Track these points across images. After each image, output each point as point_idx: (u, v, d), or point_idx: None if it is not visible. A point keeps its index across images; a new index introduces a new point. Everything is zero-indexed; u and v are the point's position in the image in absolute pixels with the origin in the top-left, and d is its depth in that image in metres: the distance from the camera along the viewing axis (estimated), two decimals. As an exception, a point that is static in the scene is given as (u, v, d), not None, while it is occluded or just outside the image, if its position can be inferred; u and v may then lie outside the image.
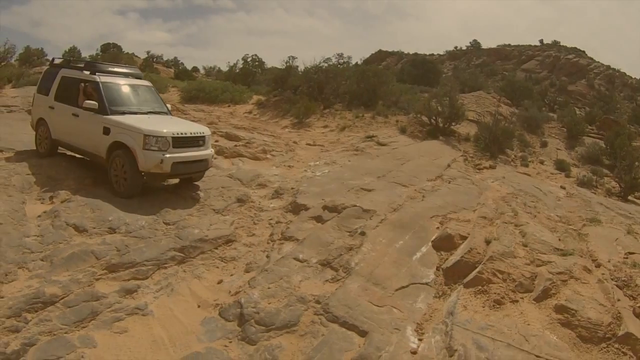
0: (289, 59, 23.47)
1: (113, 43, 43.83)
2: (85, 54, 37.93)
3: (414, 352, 4.28)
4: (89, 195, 7.04)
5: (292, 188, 8.71)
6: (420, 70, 33.34)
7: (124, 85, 8.43)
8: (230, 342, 4.40)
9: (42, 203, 6.87)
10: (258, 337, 4.44)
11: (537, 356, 4.22)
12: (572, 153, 17.01)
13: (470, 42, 65.32)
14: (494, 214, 7.67)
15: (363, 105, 18.57)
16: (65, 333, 4.21)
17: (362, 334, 4.48)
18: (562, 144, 18.02)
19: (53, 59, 9.81)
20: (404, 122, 16.20)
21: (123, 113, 7.77)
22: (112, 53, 37.14)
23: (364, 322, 4.62)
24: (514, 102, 23.79)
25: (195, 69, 46.48)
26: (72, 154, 8.77)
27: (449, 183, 9.72)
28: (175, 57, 50.55)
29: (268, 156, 11.51)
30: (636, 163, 15.03)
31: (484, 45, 63.38)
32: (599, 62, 53.13)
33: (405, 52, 62.64)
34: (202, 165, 7.97)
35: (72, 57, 23.63)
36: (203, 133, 8.00)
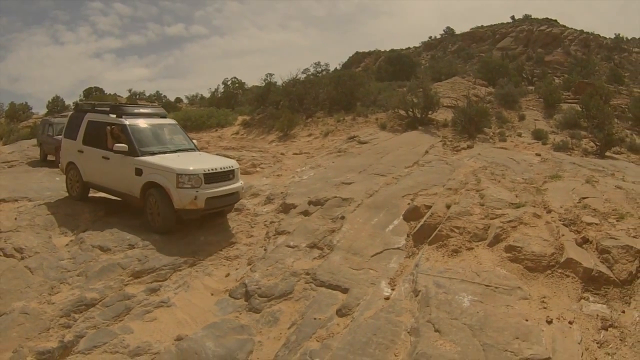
0: (267, 77, 24.56)
1: (95, 87, 43.58)
2: (69, 101, 38.49)
3: (387, 298, 5.29)
4: (105, 223, 8.04)
5: (282, 193, 9.68)
6: (396, 66, 34.06)
7: (151, 126, 8.62)
8: (240, 313, 5.48)
9: (65, 236, 7.83)
10: (262, 306, 5.52)
11: (486, 285, 5.20)
12: (551, 121, 17.42)
13: (444, 30, 65.94)
14: (459, 185, 8.60)
15: (343, 109, 19.35)
16: (107, 326, 5.27)
17: (344, 291, 5.52)
18: (540, 114, 18.48)
19: (77, 104, 10.12)
20: (384, 119, 17.01)
21: (153, 153, 7.98)
22: (95, 97, 37.57)
23: (345, 282, 5.66)
24: (491, 82, 24.57)
25: (178, 100, 46.08)
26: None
27: (423, 166, 10.56)
28: (158, 91, 49.83)
29: (257, 169, 12.55)
30: (615, 120, 15.46)
31: (458, 31, 63.83)
32: (572, 28, 53.88)
33: (382, 50, 63.31)
34: (233, 198, 8.15)
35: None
36: (232, 167, 8.17)
